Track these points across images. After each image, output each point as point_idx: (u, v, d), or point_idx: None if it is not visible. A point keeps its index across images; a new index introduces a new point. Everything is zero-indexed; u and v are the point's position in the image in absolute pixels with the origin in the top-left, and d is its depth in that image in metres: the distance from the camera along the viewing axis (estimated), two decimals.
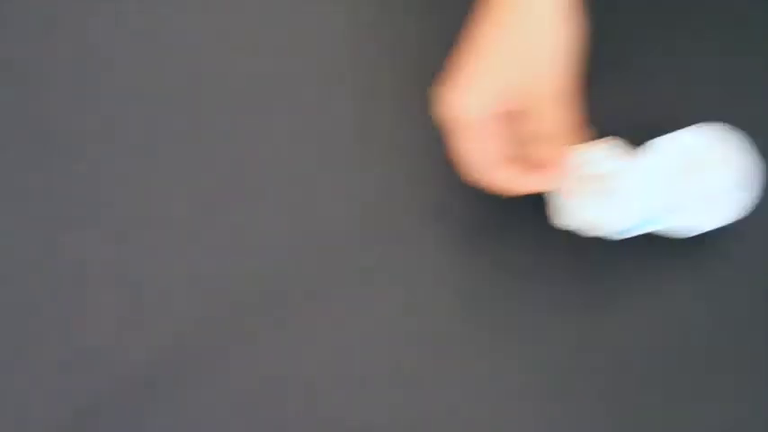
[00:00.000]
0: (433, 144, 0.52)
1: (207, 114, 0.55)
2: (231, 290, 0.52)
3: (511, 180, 0.47)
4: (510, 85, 0.45)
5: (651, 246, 0.51)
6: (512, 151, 0.47)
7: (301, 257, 0.51)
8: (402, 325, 0.51)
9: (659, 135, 0.48)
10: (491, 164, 0.46)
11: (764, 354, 0.50)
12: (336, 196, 0.52)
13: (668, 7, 0.54)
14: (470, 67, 0.46)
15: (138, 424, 0.49)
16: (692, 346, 0.50)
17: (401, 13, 0.55)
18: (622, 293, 0.51)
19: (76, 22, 0.57)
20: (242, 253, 0.52)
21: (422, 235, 0.52)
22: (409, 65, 0.54)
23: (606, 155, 0.48)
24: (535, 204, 0.50)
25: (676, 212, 0.48)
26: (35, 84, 0.56)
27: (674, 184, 0.47)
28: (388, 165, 0.53)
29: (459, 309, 0.51)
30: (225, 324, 0.51)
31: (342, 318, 0.51)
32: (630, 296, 0.51)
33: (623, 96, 0.53)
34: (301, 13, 0.55)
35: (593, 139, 0.49)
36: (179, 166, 0.54)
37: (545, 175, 0.47)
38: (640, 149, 0.48)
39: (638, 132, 0.50)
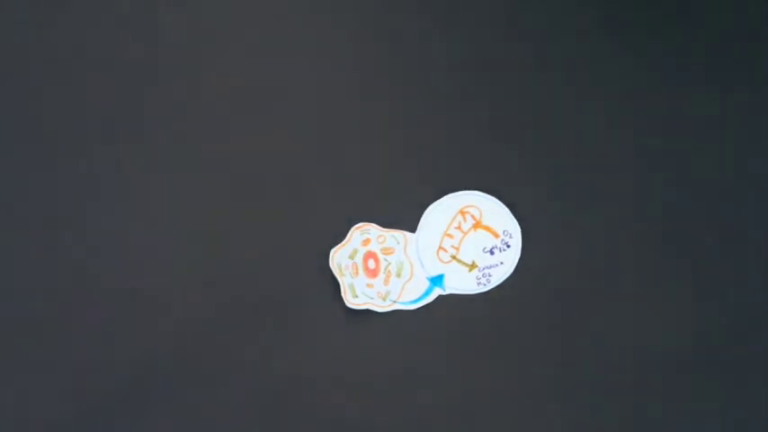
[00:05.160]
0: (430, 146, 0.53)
1: (207, 114, 0.55)
2: (232, 290, 0.52)
3: None
4: None
5: (650, 246, 0.51)
6: None
7: (302, 257, 0.51)
8: (402, 325, 0.51)
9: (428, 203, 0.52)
10: None
11: (764, 354, 0.50)
12: (337, 194, 0.52)
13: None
14: None
15: (137, 424, 0.50)
16: (693, 346, 0.50)
17: (402, 13, 0.55)
18: (622, 293, 0.51)
19: (77, 21, 0.57)
20: (243, 253, 0.52)
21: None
22: (410, 65, 0.54)
23: (379, 233, 0.51)
24: None
25: (457, 272, 0.51)
26: (35, 84, 0.56)
27: (448, 245, 0.51)
28: (387, 165, 0.53)
29: (457, 309, 0.51)
30: (226, 324, 0.51)
31: (343, 318, 0.51)
32: (630, 296, 0.51)
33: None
34: (302, 13, 0.55)
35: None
36: (179, 166, 0.54)
37: None
38: (410, 219, 0.52)
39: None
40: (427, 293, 0.51)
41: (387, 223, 0.52)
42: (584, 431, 0.50)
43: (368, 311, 0.51)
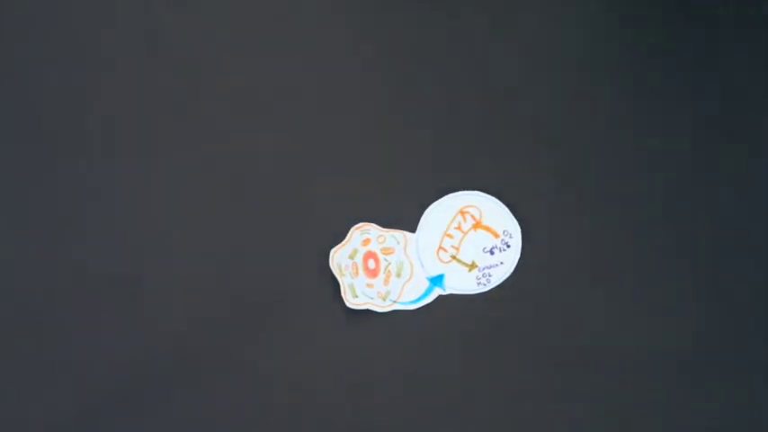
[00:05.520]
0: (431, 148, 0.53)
1: (207, 114, 0.55)
2: (232, 290, 0.52)
3: None
4: None
5: (650, 246, 0.51)
6: None
7: (301, 258, 0.51)
8: (402, 325, 0.51)
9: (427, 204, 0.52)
10: None
11: (765, 354, 0.50)
12: (337, 194, 0.52)
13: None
14: None
15: (137, 424, 0.50)
16: (693, 346, 0.50)
17: (402, 12, 0.55)
18: (622, 293, 0.51)
19: (76, 21, 0.57)
20: (243, 253, 0.52)
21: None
22: (410, 65, 0.54)
23: (379, 233, 0.51)
24: None
25: (457, 272, 0.51)
26: (35, 84, 0.56)
27: (447, 245, 0.51)
28: (388, 165, 0.53)
29: (458, 309, 0.51)
30: (225, 324, 0.51)
31: (343, 318, 0.51)
32: (630, 296, 0.51)
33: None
34: (302, 13, 0.55)
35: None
36: (179, 167, 0.54)
37: None
38: (411, 219, 0.51)
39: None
40: (427, 293, 0.51)
41: (387, 223, 0.52)
42: (584, 431, 0.50)
43: (368, 311, 0.51)
